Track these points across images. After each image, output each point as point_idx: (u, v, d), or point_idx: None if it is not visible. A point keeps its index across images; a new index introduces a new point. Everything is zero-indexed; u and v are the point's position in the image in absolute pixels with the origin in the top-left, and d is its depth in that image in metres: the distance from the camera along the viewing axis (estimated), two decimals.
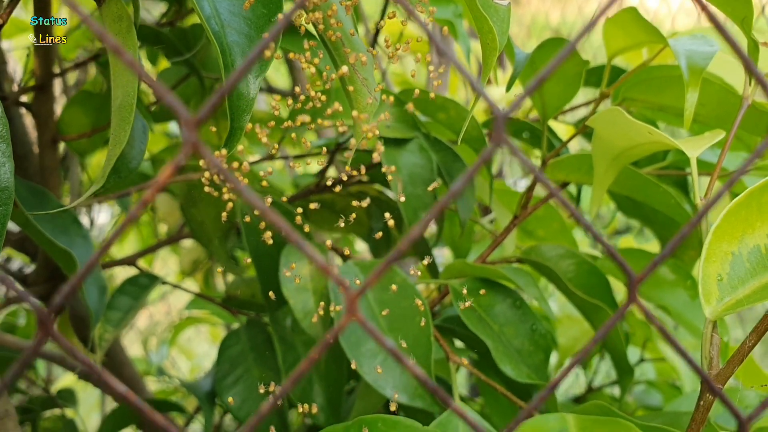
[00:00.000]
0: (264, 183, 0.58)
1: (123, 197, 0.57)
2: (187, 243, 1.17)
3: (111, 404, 1.08)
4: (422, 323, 0.49)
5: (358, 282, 0.52)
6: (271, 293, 0.52)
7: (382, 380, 0.49)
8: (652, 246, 0.92)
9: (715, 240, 0.35)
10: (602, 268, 0.59)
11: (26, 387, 0.83)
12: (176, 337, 1.13)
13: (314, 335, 0.53)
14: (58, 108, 0.61)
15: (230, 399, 0.58)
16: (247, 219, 0.58)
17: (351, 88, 0.41)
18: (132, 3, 0.39)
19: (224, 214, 0.45)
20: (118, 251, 1.24)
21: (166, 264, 1.73)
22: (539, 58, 0.53)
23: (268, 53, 0.32)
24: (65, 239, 0.48)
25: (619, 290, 0.62)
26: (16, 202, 0.45)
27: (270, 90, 0.94)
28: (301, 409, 0.49)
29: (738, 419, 0.20)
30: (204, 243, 0.66)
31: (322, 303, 0.53)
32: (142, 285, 0.61)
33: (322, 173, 0.67)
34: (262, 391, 0.46)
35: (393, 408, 0.44)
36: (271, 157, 0.64)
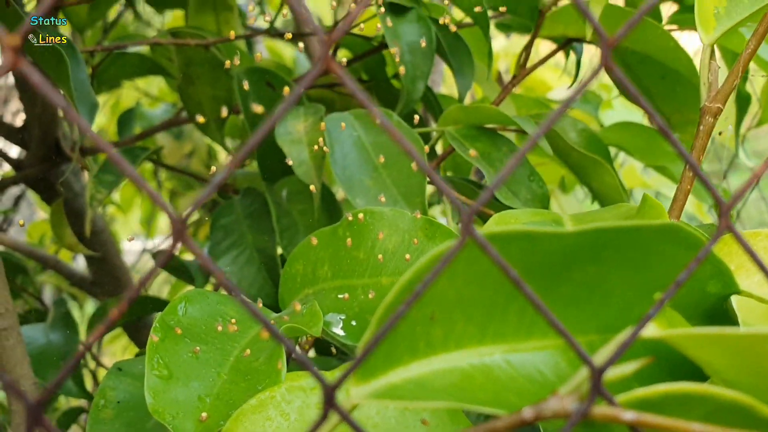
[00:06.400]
0: (258, 55, 0.58)
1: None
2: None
3: None
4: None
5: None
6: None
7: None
8: None
9: None
10: (604, 138, 0.59)
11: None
12: None
13: (308, 181, 0.52)
14: None
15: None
16: (245, 85, 0.58)
17: None
18: None
19: None
20: None
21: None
22: None
23: None
24: None
25: None
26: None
27: None
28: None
29: None
30: (201, 127, 0.66)
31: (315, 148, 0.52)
32: (136, 154, 0.60)
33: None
34: None
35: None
36: (266, 32, 0.64)
